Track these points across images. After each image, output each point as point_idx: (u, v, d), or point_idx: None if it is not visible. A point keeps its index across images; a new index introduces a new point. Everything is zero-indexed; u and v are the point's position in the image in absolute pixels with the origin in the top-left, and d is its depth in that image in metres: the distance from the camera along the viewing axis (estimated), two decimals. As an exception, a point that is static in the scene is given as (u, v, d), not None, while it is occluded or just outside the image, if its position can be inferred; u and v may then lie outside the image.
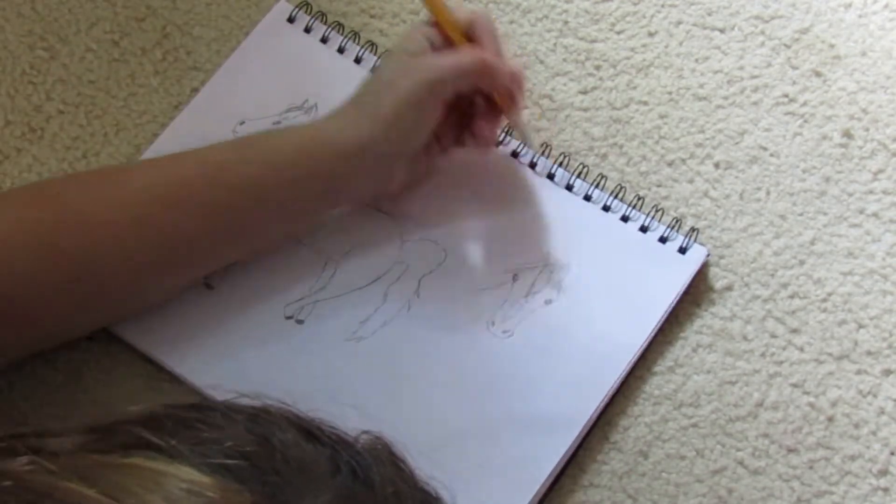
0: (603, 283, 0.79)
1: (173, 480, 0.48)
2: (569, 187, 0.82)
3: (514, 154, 0.83)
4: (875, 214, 0.83)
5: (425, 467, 0.74)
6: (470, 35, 0.78)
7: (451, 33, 0.78)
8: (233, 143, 0.78)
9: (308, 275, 0.80)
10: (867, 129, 0.85)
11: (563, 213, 0.81)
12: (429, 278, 0.80)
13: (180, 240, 0.73)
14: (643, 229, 0.81)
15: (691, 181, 0.84)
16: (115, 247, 0.71)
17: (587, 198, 0.82)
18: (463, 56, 0.77)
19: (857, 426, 0.77)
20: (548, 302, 0.79)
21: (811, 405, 0.78)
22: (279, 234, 0.78)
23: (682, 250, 0.80)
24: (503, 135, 0.84)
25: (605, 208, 0.82)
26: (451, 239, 0.81)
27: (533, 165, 0.83)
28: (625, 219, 0.81)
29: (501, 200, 0.82)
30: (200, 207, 0.73)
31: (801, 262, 0.81)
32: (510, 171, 0.83)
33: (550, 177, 0.83)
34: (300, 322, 0.79)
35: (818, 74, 0.87)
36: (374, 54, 0.87)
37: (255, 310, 0.79)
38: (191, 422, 0.51)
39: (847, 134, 0.85)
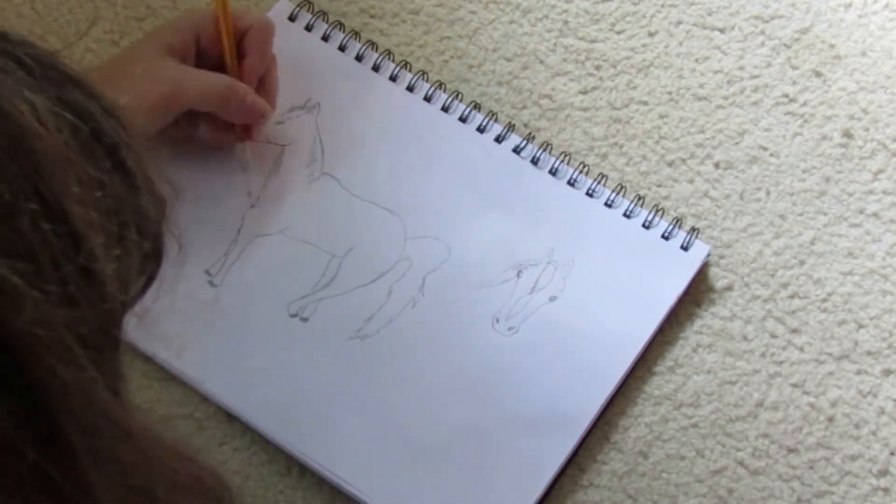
0: (607, 279, 0.79)
1: None
2: (571, 183, 0.82)
3: (516, 150, 0.84)
4: (875, 214, 0.83)
5: (431, 466, 0.75)
6: (241, 45, 0.80)
7: (224, 40, 0.79)
8: None
9: (312, 272, 0.80)
10: (867, 129, 0.85)
11: (566, 209, 0.82)
12: (433, 275, 0.80)
13: None
14: (646, 226, 0.81)
15: (691, 181, 0.84)
16: None
17: (589, 194, 0.82)
18: (211, 85, 0.78)
19: (857, 426, 0.77)
20: (552, 298, 0.79)
21: (811, 405, 0.78)
22: None
23: (685, 247, 0.80)
24: (506, 130, 0.84)
25: (608, 205, 0.82)
26: (455, 236, 0.81)
27: (535, 161, 0.83)
28: (627, 215, 0.81)
29: (504, 197, 0.82)
30: None
31: (801, 262, 0.81)
32: (512, 167, 0.83)
33: (553, 173, 0.83)
34: (304, 320, 0.79)
35: (818, 74, 0.87)
36: (376, 52, 0.87)
37: (259, 308, 0.79)
38: None
39: (847, 134, 0.85)
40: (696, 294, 0.80)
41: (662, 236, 0.81)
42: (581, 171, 0.83)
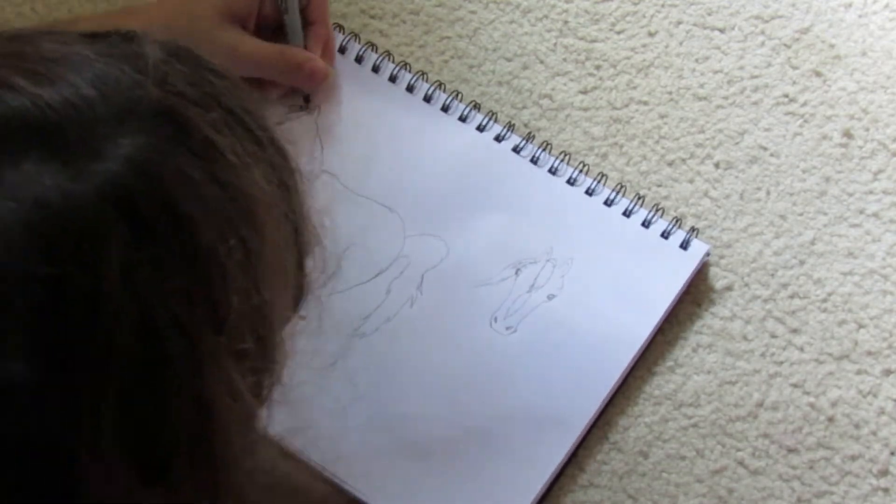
0: (606, 277, 0.79)
1: None
2: (570, 182, 0.82)
3: (516, 150, 0.84)
4: (875, 214, 0.83)
5: (429, 465, 0.75)
6: (305, 12, 0.81)
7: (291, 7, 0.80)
8: None
9: (311, 269, 0.80)
10: (867, 129, 0.85)
11: (566, 208, 0.82)
12: (431, 273, 0.80)
13: None
14: (645, 224, 0.81)
15: (691, 181, 0.84)
16: None
17: (589, 193, 0.82)
18: (266, 56, 0.78)
19: (857, 426, 0.77)
20: (551, 297, 0.79)
21: (811, 405, 0.78)
22: None
23: (684, 246, 0.80)
24: (506, 130, 0.84)
25: (607, 203, 0.82)
26: (454, 234, 0.81)
27: (535, 161, 0.83)
28: (626, 214, 0.81)
29: (503, 195, 0.82)
30: None
31: (801, 262, 0.81)
32: (511, 166, 0.83)
33: (552, 171, 0.83)
34: (302, 318, 0.79)
35: (818, 74, 0.87)
36: (375, 53, 0.87)
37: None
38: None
39: (847, 134, 0.85)
40: (696, 294, 0.80)
41: (661, 235, 0.81)
42: (581, 171, 0.83)
